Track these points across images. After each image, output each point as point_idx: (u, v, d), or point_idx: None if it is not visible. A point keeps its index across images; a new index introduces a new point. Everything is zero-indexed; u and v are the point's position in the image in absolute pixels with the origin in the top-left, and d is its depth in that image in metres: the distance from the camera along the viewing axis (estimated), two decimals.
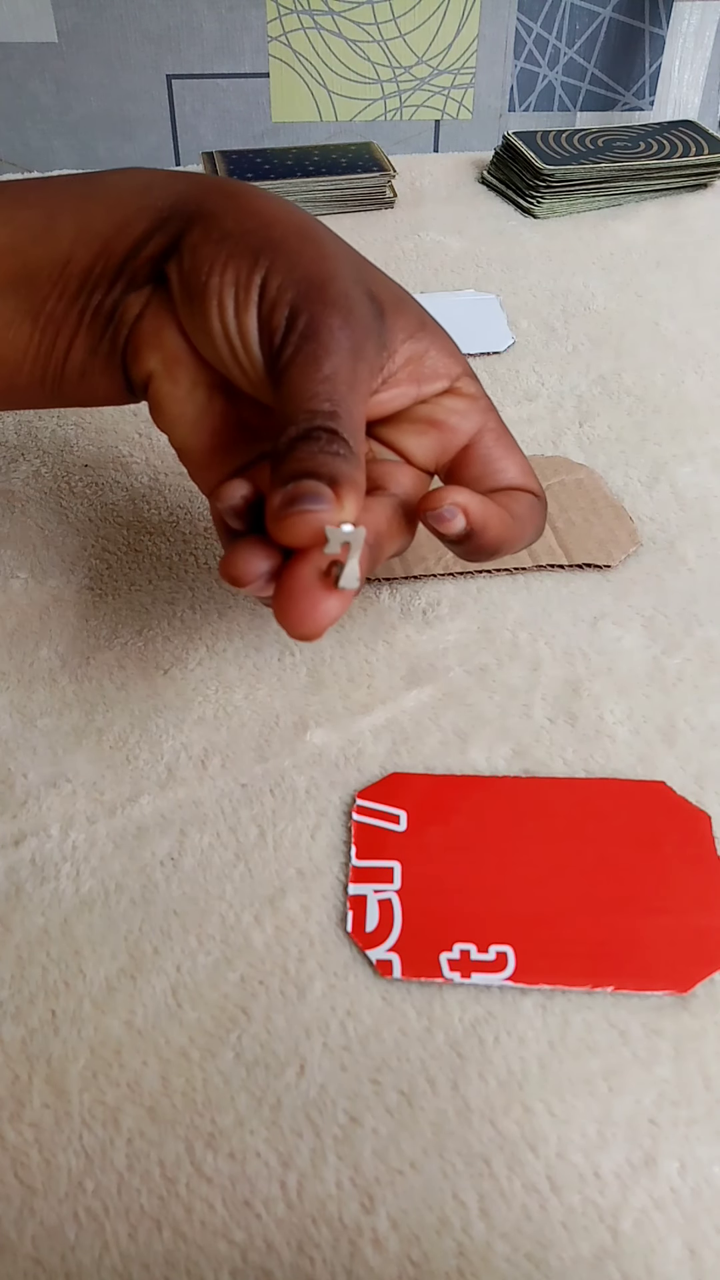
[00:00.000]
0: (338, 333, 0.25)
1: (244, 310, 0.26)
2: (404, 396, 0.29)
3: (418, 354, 0.29)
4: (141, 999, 0.26)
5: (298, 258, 0.26)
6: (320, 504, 0.23)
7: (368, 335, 0.26)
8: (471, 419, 0.30)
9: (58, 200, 0.29)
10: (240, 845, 0.30)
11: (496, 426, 0.30)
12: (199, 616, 0.37)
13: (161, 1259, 0.22)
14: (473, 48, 0.96)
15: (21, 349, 0.29)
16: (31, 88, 0.93)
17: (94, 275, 0.28)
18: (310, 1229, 0.22)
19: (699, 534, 0.40)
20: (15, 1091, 0.24)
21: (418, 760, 0.32)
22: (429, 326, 0.29)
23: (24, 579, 0.38)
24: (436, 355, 0.29)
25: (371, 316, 0.27)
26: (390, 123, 1.00)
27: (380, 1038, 0.25)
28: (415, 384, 0.29)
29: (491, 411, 0.30)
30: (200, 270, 0.26)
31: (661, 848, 0.29)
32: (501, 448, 0.30)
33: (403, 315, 0.28)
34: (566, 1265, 0.22)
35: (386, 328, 0.28)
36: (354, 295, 0.26)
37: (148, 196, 0.28)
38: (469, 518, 0.27)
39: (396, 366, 0.28)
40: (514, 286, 0.60)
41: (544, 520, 0.30)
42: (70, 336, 0.29)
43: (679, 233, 0.66)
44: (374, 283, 0.28)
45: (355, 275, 0.27)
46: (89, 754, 0.32)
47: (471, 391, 0.30)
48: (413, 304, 0.29)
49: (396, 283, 0.30)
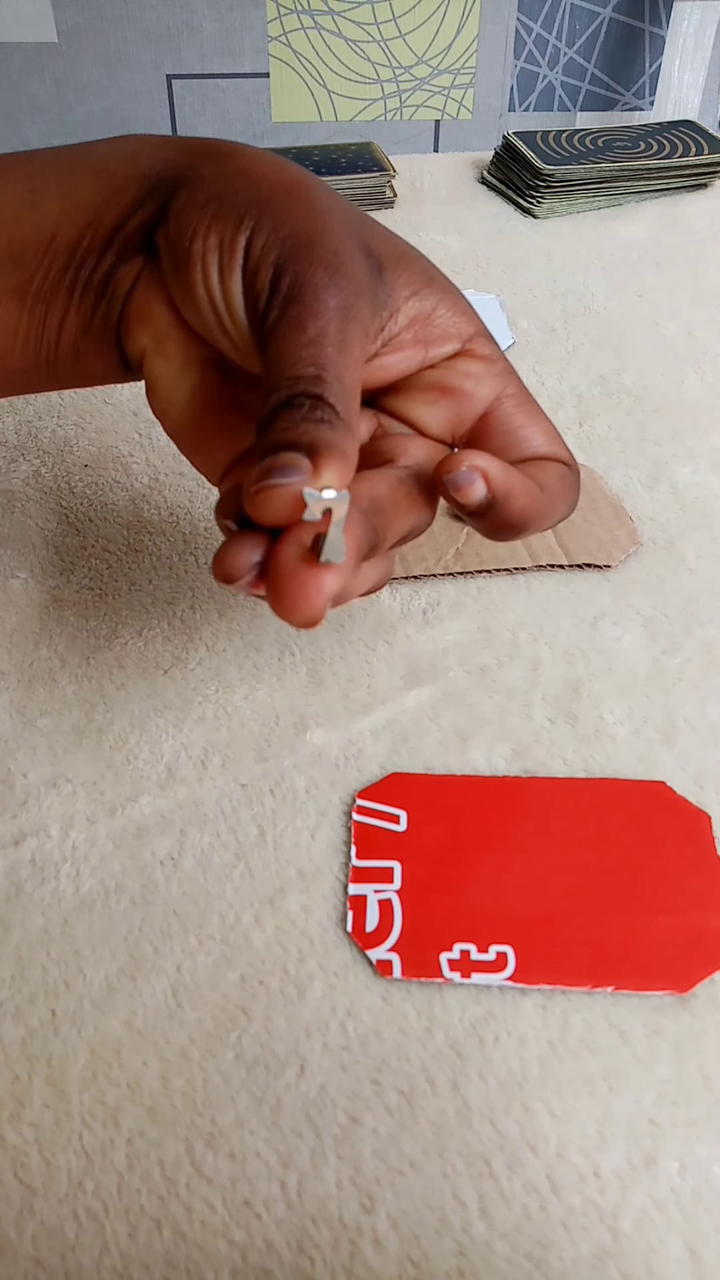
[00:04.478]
0: (323, 292, 0.24)
1: (228, 274, 0.25)
2: (409, 360, 0.27)
3: (424, 313, 0.26)
4: (141, 999, 0.26)
5: (284, 215, 0.25)
6: (296, 475, 0.21)
7: (360, 294, 0.24)
8: (488, 383, 0.27)
9: (42, 173, 0.28)
10: (240, 845, 0.30)
11: (517, 391, 0.28)
12: (199, 616, 0.37)
13: (161, 1259, 0.22)
14: (473, 48, 0.96)
15: (10, 330, 0.28)
16: (31, 88, 0.93)
17: (82, 248, 0.27)
18: (310, 1229, 0.22)
19: (699, 534, 0.40)
20: (15, 1091, 0.24)
21: (418, 760, 0.32)
22: (437, 282, 0.27)
23: (24, 579, 0.38)
24: (446, 313, 0.27)
25: (366, 274, 0.25)
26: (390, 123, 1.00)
27: (380, 1038, 0.25)
28: (422, 346, 0.27)
29: (511, 375, 0.28)
30: (184, 235, 0.25)
31: (661, 848, 0.29)
32: (524, 414, 0.27)
33: (405, 271, 0.26)
34: (566, 1265, 0.22)
35: (386, 285, 0.26)
36: (345, 251, 0.25)
37: (135, 164, 0.27)
38: (490, 484, 0.24)
39: (399, 327, 0.26)
40: (514, 286, 0.60)
41: (577, 493, 0.28)
42: (61, 314, 0.27)
43: (679, 233, 0.66)
44: (373, 238, 0.26)
45: (349, 230, 0.25)
46: (89, 754, 0.32)
47: (486, 353, 0.27)
48: (418, 259, 0.27)
49: (399, 238, 0.28)
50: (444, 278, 0.28)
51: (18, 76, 0.92)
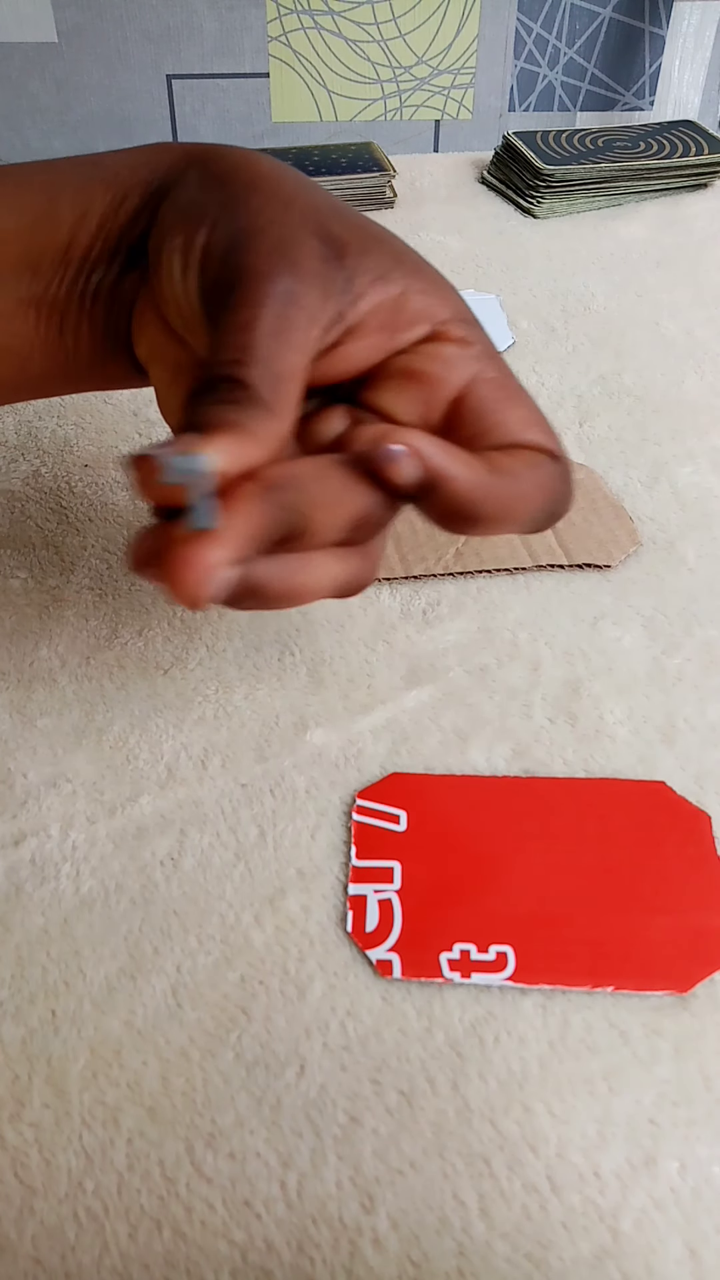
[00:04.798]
0: (264, 279, 0.23)
1: (189, 272, 0.24)
2: (373, 348, 0.25)
3: (390, 298, 0.25)
4: (141, 999, 0.26)
5: (241, 208, 0.24)
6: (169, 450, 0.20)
7: (306, 279, 0.23)
8: (460, 367, 0.25)
9: (60, 183, 0.28)
10: (240, 845, 0.30)
11: (495, 375, 0.26)
12: (199, 616, 0.37)
13: (161, 1259, 0.22)
14: (473, 48, 0.96)
15: (29, 339, 0.28)
16: (31, 88, 0.93)
17: (92, 256, 0.27)
18: (310, 1229, 0.22)
19: (699, 534, 0.40)
20: (15, 1091, 0.24)
21: (418, 760, 0.32)
22: (409, 265, 0.26)
23: (24, 579, 0.38)
24: (417, 298, 0.25)
25: (320, 259, 0.24)
26: (390, 123, 1.00)
27: (380, 1038, 0.25)
28: (388, 332, 0.25)
29: (490, 358, 0.26)
30: (159, 240, 0.25)
31: (661, 848, 0.29)
32: (500, 398, 0.25)
33: (372, 256, 0.25)
34: (566, 1265, 0.22)
35: (347, 273, 0.24)
36: (292, 239, 0.24)
37: (142, 172, 0.27)
38: (425, 462, 0.22)
39: (363, 314, 0.25)
40: (514, 286, 0.60)
41: (564, 487, 0.25)
42: (75, 323, 0.28)
43: (679, 233, 0.66)
44: (339, 224, 0.25)
45: (307, 218, 0.25)
46: (89, 754, 0.32)
47: (459, 335, 0.26)
48: (390, 244, 0.26)
49: (375, 225, 0.27)
50: (419, 262, 0.26)
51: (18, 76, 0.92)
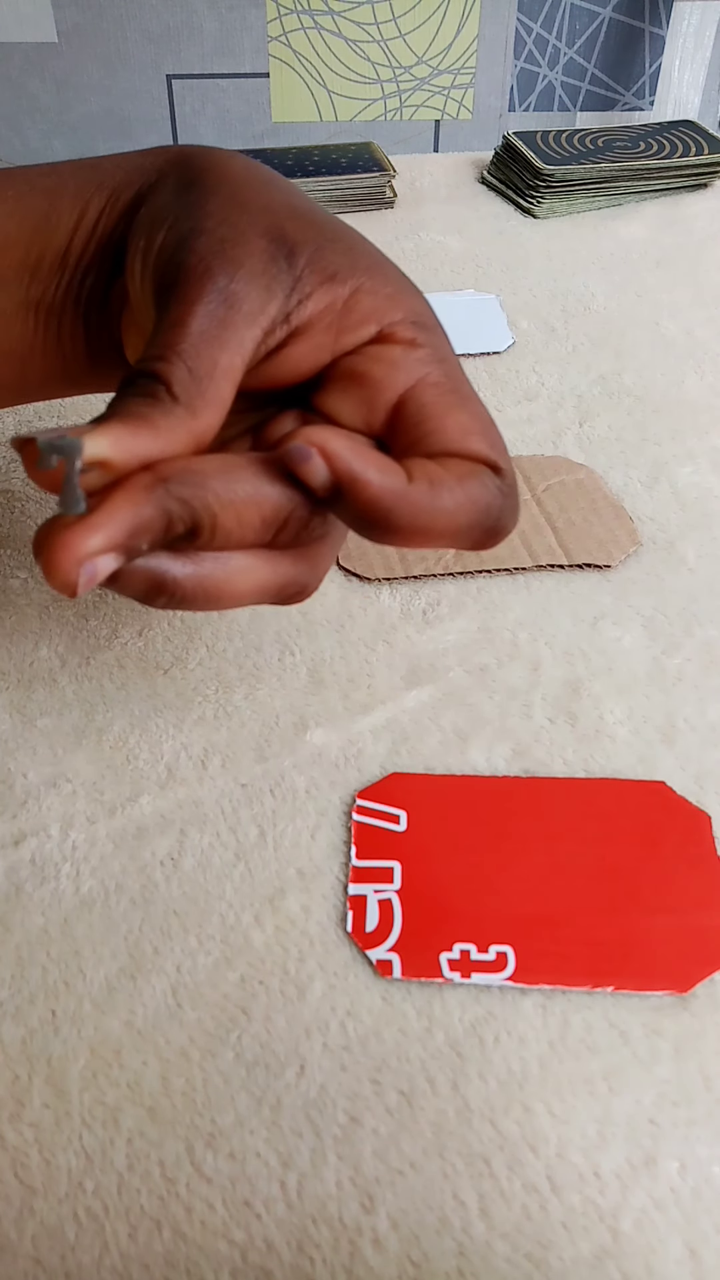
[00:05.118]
0: (201, 279, 0.23)
1: (146, 276, 0.24)
2: (319, 349, 0.25)
3: (339, 298, 0.24)
4: (141, 999, 0.26)
5: (191, 213, 0.24)
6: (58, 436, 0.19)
7: (246, 279, 0.23)
8: (405, 370, 0.24)
9: (60, 187, 0.28)
10: (240, 845, 0.30)
11: (442, 380, 0.24)
12: (199, 616, 0.37)
13: (161, 1259, 0.22)
14: (473, 48, 0.96)
15: (27, 342, 0.28)
16: (31, 88, 0.93)
17: (85, 260, 0.27)
18: (310, 1229, 0.22)
19: (699, 534, 0.40)
20: (15, 1091, 0.24)
21: (418, 760, 0.32)
22: (363, 265, 0.25)
23: (24, 579, 0.38)
24: (367, 298, 0.24)
25: (263, 259, 0.23)
26: (390, 123, 1.00)
27: (380, 1038, 0.25)
28: (333, 334, 0.24)
29: (438, 362, 0.25)
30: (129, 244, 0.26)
31: (661, 848, 0.29)
32: (443, 404, 0.24)
33: (325, 256, 0.24)
34: (566, 1265, 0.22)
35: (294, 271, 0.24)
36: (235, 239, 0.23)
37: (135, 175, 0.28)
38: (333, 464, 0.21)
39: (309, 316, 0.24)
40: (514, 286, 0.60)
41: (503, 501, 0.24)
42: (71, 326, 0.28)
43: (679, 233, 0.66)
44: (293, 224, 0.25)
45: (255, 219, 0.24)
46: (89, 754, 0.32)
47: (408, 337, 0.24)
48: (348, 245, 0.25)
49: (337, 224, 0.26)
50: (376, 262, 0.25)
51: (18, 76, 0.92)
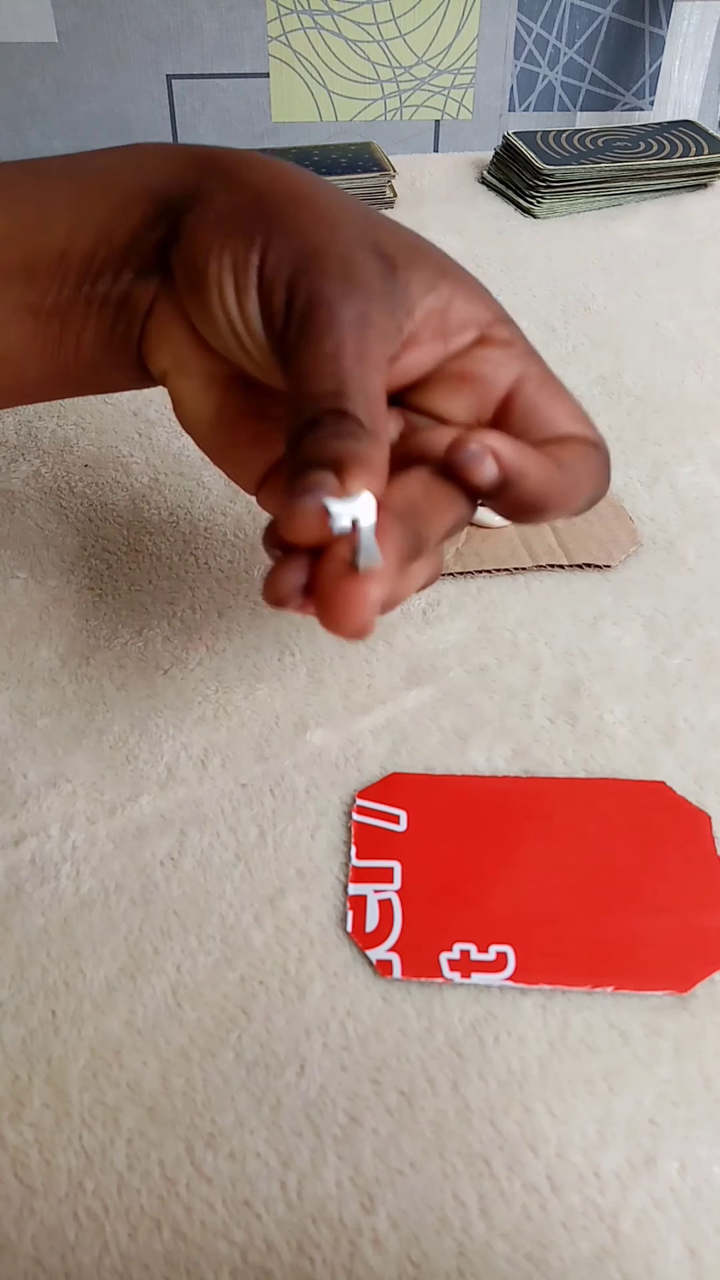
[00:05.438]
0: (337, 304, 0.23)
1: (244, 295, 0.25)
2: (430, 355, 0.27)
3: (439, 307, 0.26)
4: (141, 999, 0.26)
5: (293, 228, 0.25)
6: (321, 492, 0.21)
7: (375, 300, 0.24)
8: (508, 367, 0.27)
9: (52, 187, 0.28)
10: (240, 845, 0.30)
11: (539, 373, 0.27)
12: (199, 616, 0.37)
13: (161, 1259, 0.22)
14: (473, 48, 0.96)
15: (25, 345, 0.28)
16: (31, 88, 0.93)
17: (96, 263, 0.27)
18: (310, 1229, 0.22)
19: (699, 534, 0.40)
20: (15, 1091, 0.24)
21: (418, 760, 0.32)
22: (450, 273, 0.27)
23: (24, 579, 0.38)
24: (462, 304, 0.27)
25: (380, 277, 0.25)
26: (390, 123, 1.00)
27: (380, 1038, 0.25)
28: (441, 339, 0.26)
29: (533, 356, 0.28)
30: (198, 258, 0.25)
31: (661, 848, 0.29)
32: (546, 394, 0.27)
33: (418, 268, 0.26)
34: (566, 1265, 0.22)
35: (400, 286, 0.25)
36: (357, 258, 0.25)
37: (143, 176, 0.27)
38: (501, 463, 0.24)
39: (417, 325, 0.26)
40: (514, 286, 0.60)
41: (606, 473, 0.27)
42: (78, 329, 0.28)
43: (679, 233, 0.66)
44: (383, 237, 0.26)
45: (358, 235, 0.25)
46: (89, 754, 0.32)
47: (505, 337, 0.27)
48: (429, 252, 0.27)
49: (410, 231, 0.27)
50: (457, 267, 0.27)
51: (18, 76, 0.92)
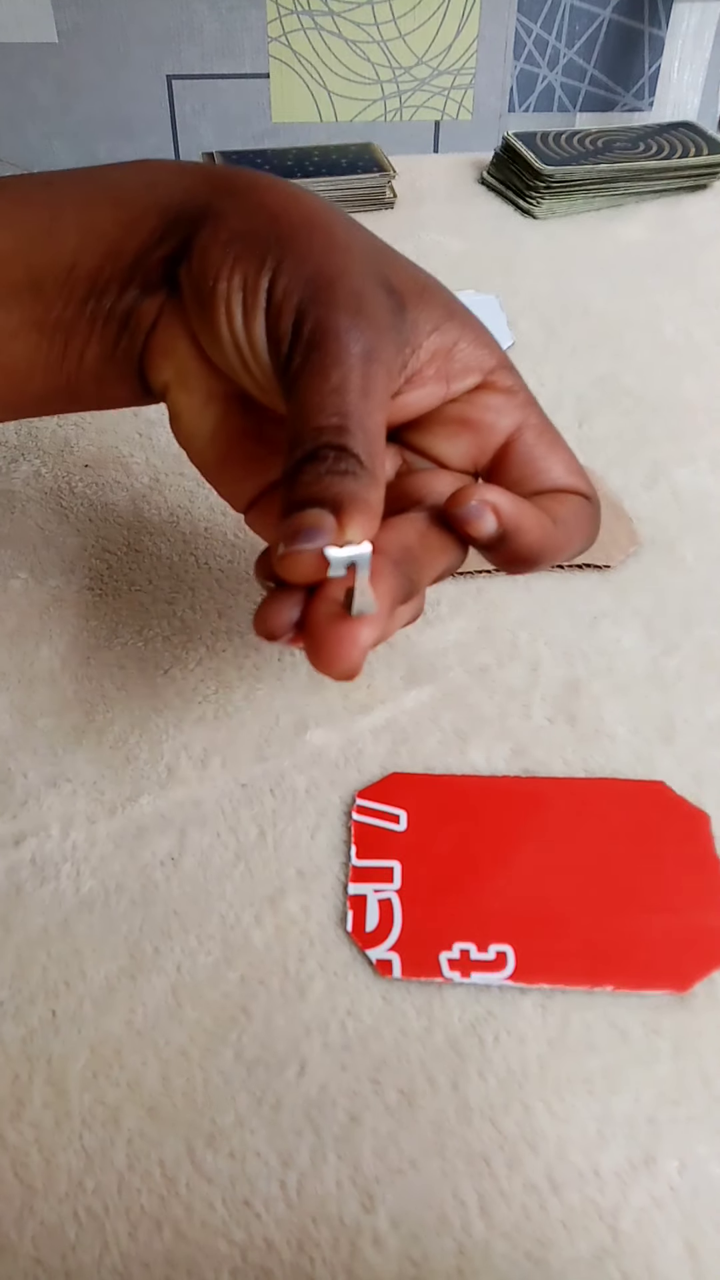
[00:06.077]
0: (346, 336, 0.23)
1: (252, 316, 0.25)
2: (431, 396, 0.27)
3: (445, 347, 0.26)
4: (141, 999, 0.26)
5: (306, 253, 0.25)
6: (319, 537, 0.21)
7: (383, 334, 0.24)
8: (509, 415, 0.27)
9: (60, 201, 0.28)
10: (240, 845, 0.30)
11: (538, 422, 0.28)
12: (199, 616, 0.37)
13: (161, 1259, 0.22)
14: (473, 48, 0.96)
15: (30, 359, 0.28)
16: (31, 88, 0.93)
17: (103, 278, 0.27)
18: (310, 1229, 0.22)
19: (698, 534, 0.40)
20: (15, 1091, 0.24)
21: (418, 760, 0.32)
22: (458, 315, 0.27)
23: (24, 579, 0.38)
24: (467, 347, 0.27)
25: (389, 312, 0.25)
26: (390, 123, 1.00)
27: (380, 1037, 0.25)
28: (444, 381, 0.27)
29: (532, 406, 0.28)
30: (208, 275, 0.25)
31: (661, 847, 0.29)
32: (544, 445, 0.28)
33: (427, 306, 0.26)
34: (566, 1265, 0.22)
35: (408, 322, 0.26)
36: (367, 291, 0.25)
37: (153, 193, 0.27)
38: (500, 518, 0.24)
39: (421, 363, 0.26)
40: (514, 287, 0.60)
41: (596, 525, 0.28)
42: (82, 344, 0.28)
43: (678, 234, 0.66)
44: (394, 272, 0.26)
45: (370, 267, 0.25)
46: (89, 754, 0.32)
47: (508, 385, 0.28)
48: (439, 292, 0.27)
49: (420, 269, 0.28)
50: (465, 310, 0.28)
51: (18, 76, 0.92)
